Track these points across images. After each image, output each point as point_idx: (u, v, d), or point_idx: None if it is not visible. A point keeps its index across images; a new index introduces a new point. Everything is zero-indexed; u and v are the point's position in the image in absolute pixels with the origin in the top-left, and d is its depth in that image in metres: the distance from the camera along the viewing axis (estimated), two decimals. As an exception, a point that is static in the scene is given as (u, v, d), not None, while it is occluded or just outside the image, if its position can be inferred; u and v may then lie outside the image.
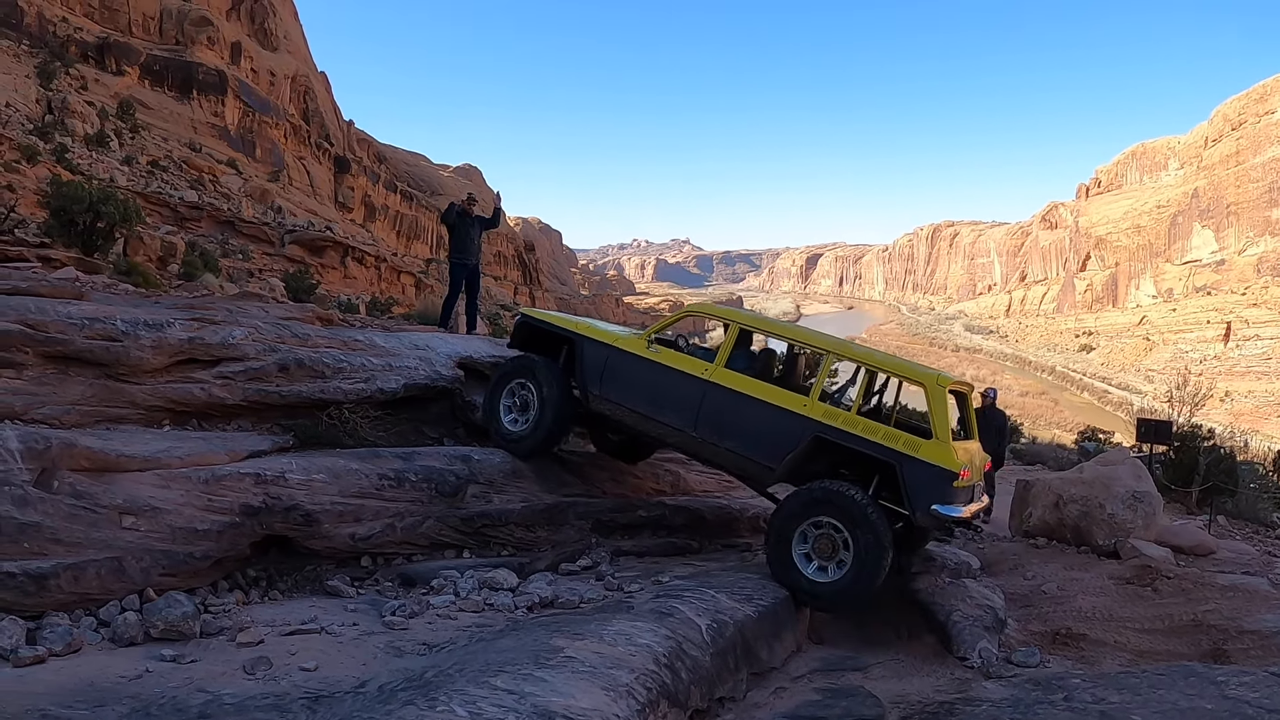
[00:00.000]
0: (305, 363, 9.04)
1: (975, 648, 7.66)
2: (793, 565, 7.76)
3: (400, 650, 5.60)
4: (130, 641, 5.58)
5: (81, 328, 7.82)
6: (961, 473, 7.63)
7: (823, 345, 8.66)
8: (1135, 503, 11.06)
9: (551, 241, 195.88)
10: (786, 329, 9.19)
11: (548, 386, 9.22)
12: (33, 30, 72.91)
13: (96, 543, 6.16)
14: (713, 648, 6.17)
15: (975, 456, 8.51)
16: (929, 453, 7.65)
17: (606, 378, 9.11)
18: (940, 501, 7.60)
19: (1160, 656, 8.10)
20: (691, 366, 8.68)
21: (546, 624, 5.95)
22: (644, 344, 9.02)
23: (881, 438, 7.81)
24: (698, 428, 8.58)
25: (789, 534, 7.80)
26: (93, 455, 6.55)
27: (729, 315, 9.06)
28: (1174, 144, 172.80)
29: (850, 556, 7.58)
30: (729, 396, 8.40)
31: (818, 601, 7.74)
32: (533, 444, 9.27)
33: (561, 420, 9.32)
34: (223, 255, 50.84)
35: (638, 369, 8.93)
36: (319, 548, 7.43)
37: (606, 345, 9.20)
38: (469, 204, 14.49)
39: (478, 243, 14.32)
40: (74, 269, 13.90)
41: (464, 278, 14.33)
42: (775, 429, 8.18)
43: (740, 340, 8.79)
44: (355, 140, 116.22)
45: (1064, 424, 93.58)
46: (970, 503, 8.17)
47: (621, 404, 9.05)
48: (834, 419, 7.98)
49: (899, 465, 7.68)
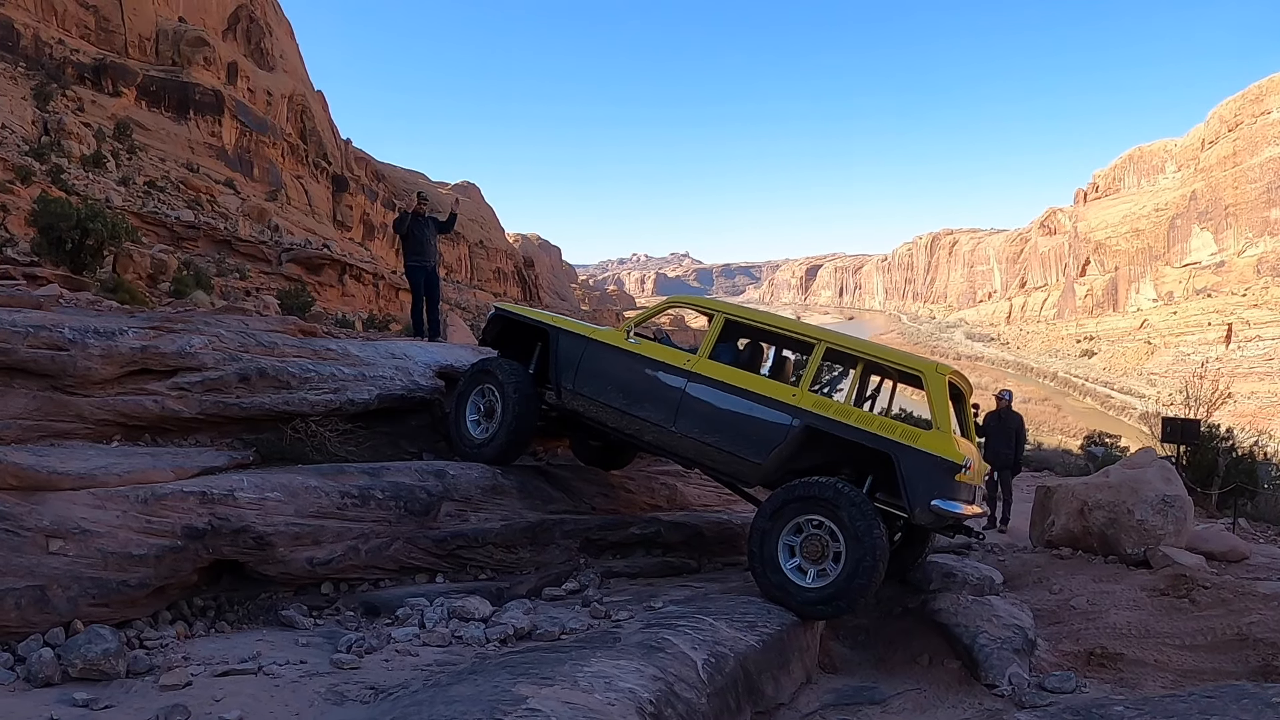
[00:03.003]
0: (269, 372, 8.39)
1: (1005, 673, 7.00)
2: (779, 569, 7.17)
3: (342, 697, 4.89)
4: (46, 682, 4.97)
5: (25, 336, 7.20)
6: (966, 465, 7.10)
7: (814, 335, 8.07)
8: (1165, 507, 10.41)
9: (551, 257, 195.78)
10: (774, 319, 8.57)
11: (509, 387, 8.80)
12: (29, 52, 72.74)
13: (18, 569, 5.53)
14: (710, 687, 5.42)
15: (976, 457, 7.94)
16: (929, 443, 7.12)
17: (581, 372, 8.68)
18: (941, 496, 7.03)
19: (1206, 676, 7.48)
20: (673, 358, 8.24)
21: (514, 664, 5.14)
22: (623, 336, 8.59)
23: (877, 428, 7.32)
24: (678, 422, 8.07)
25: (774, 535, 7.22)
26: (20, 472, 5.91)
27: (713, 305, 8.58)
28: (1171, 147, 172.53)
29: (842, 556, 6.99)
30: (713, 388, 7.93)
31: (809, 608, 7.07)
32: (495, 450, 8.79)
33: (524, 422, 8.84)
34: (218, 274, 50.42)
35: (615, 361, 8.50)
36: (273, 573, 6.75)
37: (583, 338, 8.78)
38: (420, 203, 13.87)
39: (434, 244, 13.74)
40: (58, 286, 13.51)
41: (423, 280, 13.68)
42: (762, 421, 7.67)
43: (726, 332, 8.30)
44: (353, 159, 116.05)
45: (1068, 429, 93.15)
46: (971, 503, 7.67)
47: (596, 399, 8.59)
48: (825, 409, 7.47)
49: (896, 456, 7.12)
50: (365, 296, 69.13)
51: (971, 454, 7.66)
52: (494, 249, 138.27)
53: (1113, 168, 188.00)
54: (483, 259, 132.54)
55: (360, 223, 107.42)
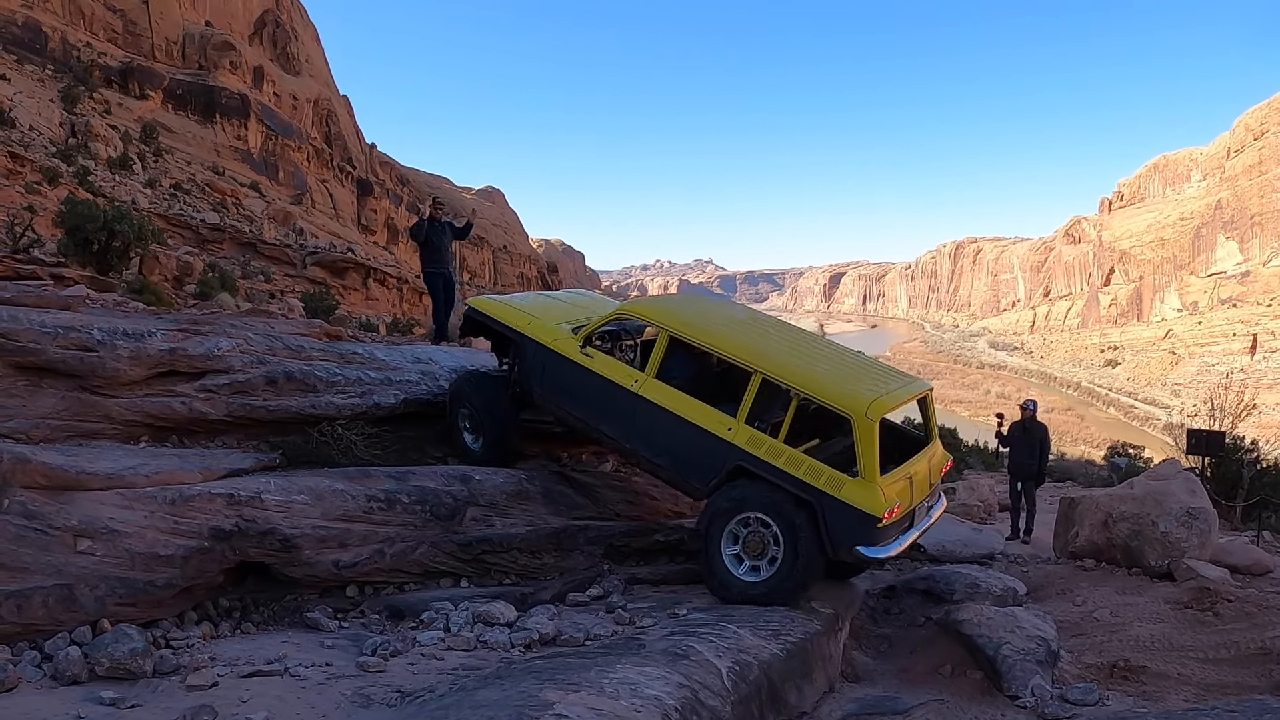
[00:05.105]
0: (295, 376, 8.45)
1: (1028, 685, 6.91)
2: (724, 568, 7.33)
3: (368, 699, 4.90)
4: (73, 680, 5.00)
5: (54, 336, 7.30)
6: (885, 515, 6.93)
7: (751, 363, 7.54)
8: (1190, 520, 10.32)
9: (575, 263, 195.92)
10: (718, 338, 7.91)
11: (482, 410, 8.98)
12: (57, 55, 73.42)
13: (46, 568, 5.61)
14: (734, 695, 5.40)
15: (923, 472, 7.82)
16: (851, 494, 6.98)
17: (546, 380, 8.65)
18: (864, 543, 7.01)
19: (1229, 689, 7.38)
20: (623, 376, 8.05)
21: (540, 669, 5.16)
22: (577, 347, 8.40)
23: (803, 473, 7.13)
24: (631, 440, 8.04)
25: (718, 534, 7.32)
26: (50, 472, 5.99)
27: (659, 318, 8.16)
28: (1196, 155, 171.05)
29: (780, 553, 7.16)
30: (658, 412, 7.77)
31: (750, 601, 7.16)
32: (489, 458, 8.95)
33: (503, 434, 9.01)
34: (243, 276, 50.62)
35: (573, 374, 8.39)
36: (299, 576, 6.79)
37: (543, 347, 8.66)
38: (436, 208, 13.86)
39: (450, 249, 13.75)
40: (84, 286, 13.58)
41: (442, 285, 13.71)
42: (702, 451, 7.56)
43: (673, 347, 7.99)
44: (378, 163, 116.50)
45: (1091, 440, 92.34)
46: (910, 530, 7.62)
47: (562, 408, 8.62)
48: (757, 447, 7.30)
49: (818, 504, 7.04)
50: (389, 300, 69.28)
51: (915, 475, 7.52)
52: (518, 254, 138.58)
53: (1138, 176, 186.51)
54: (506, 264, 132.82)
55: (384, 227, 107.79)
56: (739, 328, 8.39)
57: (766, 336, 8.27)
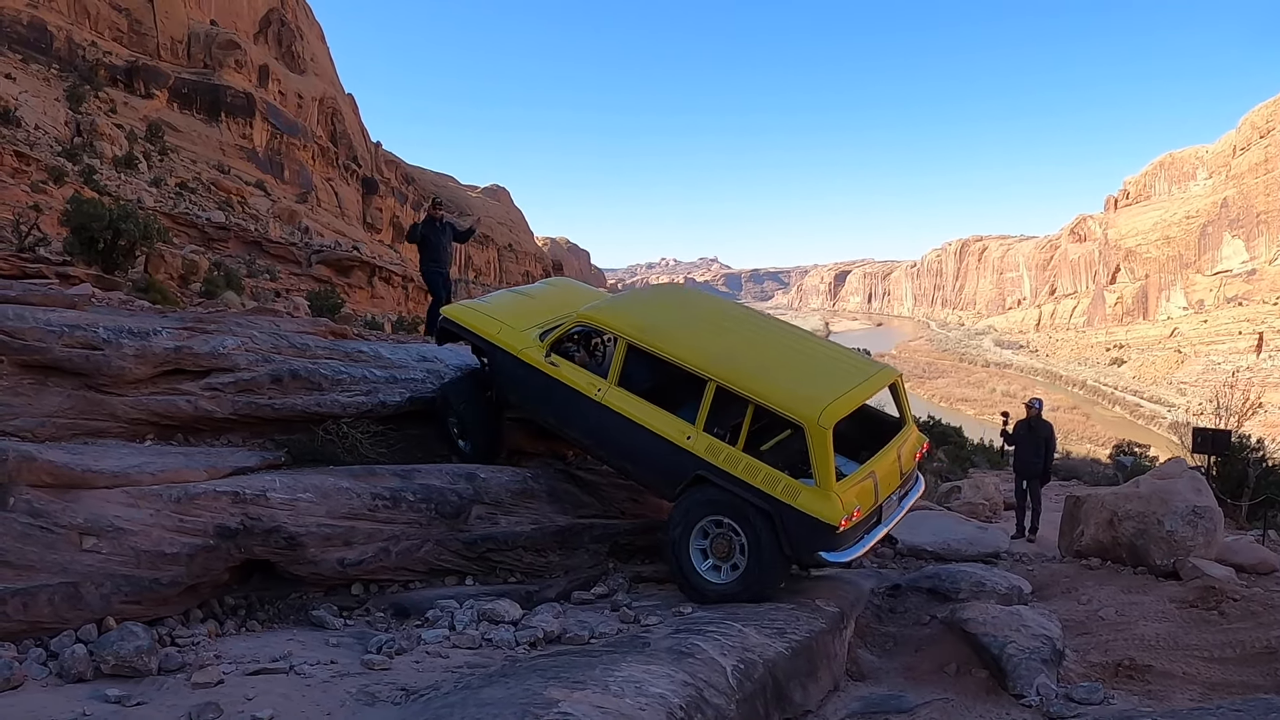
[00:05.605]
0: (301, 374, 8.46)
1: (1033, 684, 6.89)
2: (692, 568, 7.45)
3: (373, 697, 4.91)
4: (79, 678, 5.02)
5: (60, 335, 7.33)
6: (843, 522, 6.94)
7: (705, 371, 7.49)
8: (1196, 519, 10.28)
9: (580, 261, 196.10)
10: (672, 347, 7.81)
11: (466, 415, 9.02)
12: (62, 54, 73.66)
13: (51, 566, 5.63)
14: (739, 693, 5.39)
15: (891, 465, 7.79)
16: (807, 503, 7.00)
17: (518, 386, 8.72)
18: (824, 549, 7.06)
19: (1234, 689, 7.36)
20: (586, 385, 8.09)
21: (544, 668, 5.16)
22: (542, 355, 8.45)
23: (760, 481, 7.16)
24: (601, 447, 8.17)
25: (684, 536, 7.44)
26: (55, 470, 6.01)
27: (617, 328, 8.08)
28: (1202, 153, 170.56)
29: (743, 557, 7.27)
30: (621, 421, 7.81)
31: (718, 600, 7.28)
32: (478, 457, 9.00)
33: (488, 432, 9.08)
34: (249, 275, 50.66)
35: (541, 381, 8.43)
36: (304, 574, 6.81)
37: (510, 355, 8.70)
38: (435, 208, 13.91)
39: (449, 249, 13.75)
40: (90, 285, 13.61)
41: (441, 283, 13.73)
42: (664, 458, 7.62)
43: (631, 354, 7.95)
44: (383, 161, 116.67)
45: (1097, 438, 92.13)
46: (878, 528, 7.65)
47: (535, 414, 8.74)
48: (715, 455, 7.34)
49: (776, 512, 7.08)
50: (394, 298, 69.33)
51: (863, 493, 7.33)
52: (523, 252, 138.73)
53: (1144, 174, 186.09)
54: (512, 262, 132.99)
55: (390, 225, 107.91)
56: (698, 330, 8.30)
57: (726, 337, 8.20)
